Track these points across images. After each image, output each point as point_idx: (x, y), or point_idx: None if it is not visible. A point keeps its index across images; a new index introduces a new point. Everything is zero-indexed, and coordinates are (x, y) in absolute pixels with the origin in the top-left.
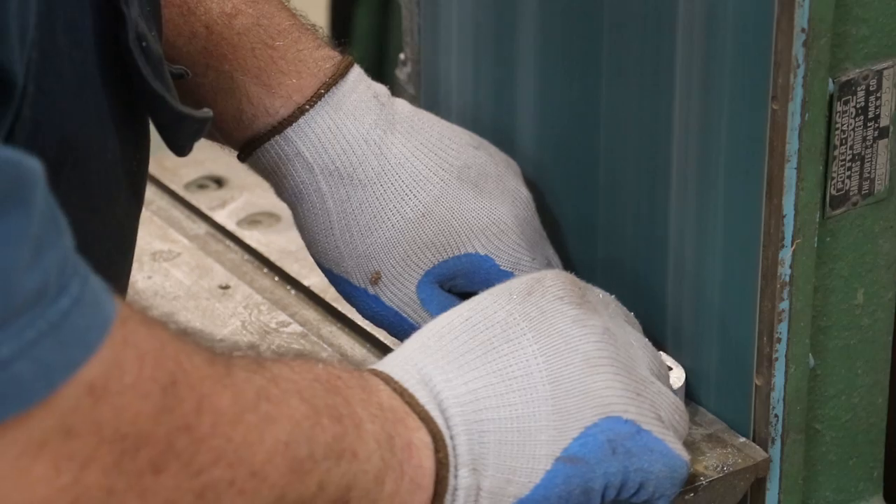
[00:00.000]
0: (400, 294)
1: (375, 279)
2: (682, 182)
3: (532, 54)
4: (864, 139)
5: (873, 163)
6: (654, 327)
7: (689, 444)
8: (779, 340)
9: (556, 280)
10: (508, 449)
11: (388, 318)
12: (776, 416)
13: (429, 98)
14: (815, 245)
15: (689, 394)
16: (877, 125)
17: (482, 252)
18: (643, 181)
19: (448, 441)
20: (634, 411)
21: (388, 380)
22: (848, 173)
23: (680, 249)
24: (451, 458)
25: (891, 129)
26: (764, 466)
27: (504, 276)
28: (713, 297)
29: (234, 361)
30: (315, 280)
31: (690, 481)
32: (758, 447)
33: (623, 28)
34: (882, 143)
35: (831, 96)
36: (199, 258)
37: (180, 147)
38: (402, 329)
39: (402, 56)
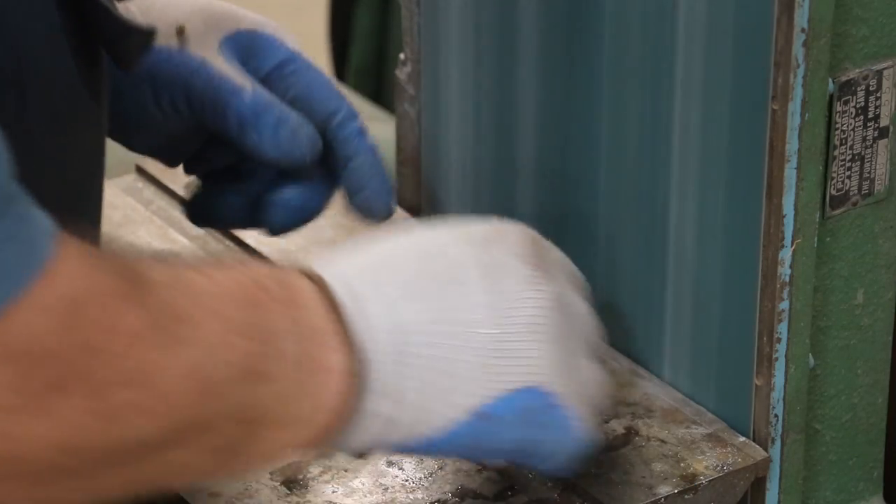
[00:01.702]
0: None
1: (180, 31)
2: (682, 182)
3: (532, 54)
4: (864, 139)
5: (873, 163)
6: (654, 327)
7: (690, 444)
8: (779, 340)
9: (517, 235)
10: (431, 390)
11: (194, 67)
12: (776, 415)
13: (429, 98)
14: (815, 245)
15: (690, 393)
16: (877, 125)
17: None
18: (643, 181)
19: (371, 367)
20: (559, 386)
21: (323, 291)
22: (848, 173)
23: (680, 249)
24: (370, 384)
25: (891, 129)
26: (764, 466)
27: (297, 57)
28: (713, 297)
29: (149, 276)
30: None
31: (690, 481)
32: (758, 447)
33: (623, 28)
34: (882, 143)
35: (831, 96)
36: (199, 258)
37: (128, 62)
38: (212, 85)
39: (402, 56)
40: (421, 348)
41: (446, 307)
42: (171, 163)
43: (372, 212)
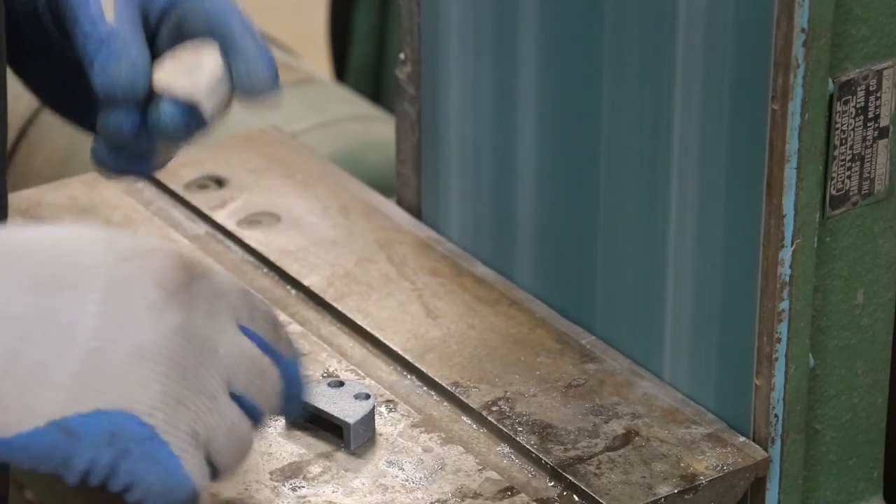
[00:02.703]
0: None
1: None
2: (682, 182)
3: (532, 54)
4: (864, 139)
5: (873, 163)
6: (654, 327)
7: (690, 444)
8: (779, 340)
9: (162, 257)
10: (11, 385)
11: None
12: (776, 415)
13: (429, 98)
14: (815, 245)
15: (690, 393)
16: (877, 125)
17: None
18: (643, 181)
19: None
20: (161, 418)
21: None
22: (848, 173)
23: (680, 249)
24: None
25: (891, 129)
26: (764, 466)
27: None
28: (713, 297)
29: None
30: (315, 280)
31: (690, 481)
32: (758, 447)
33: (624, 28)
34: (882, 143)
35: (831, 96)
36: (199, 258)
37: None
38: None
39: (402, 56)
40: (9, 338)
41: (52, 306)
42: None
43: (254, 84)
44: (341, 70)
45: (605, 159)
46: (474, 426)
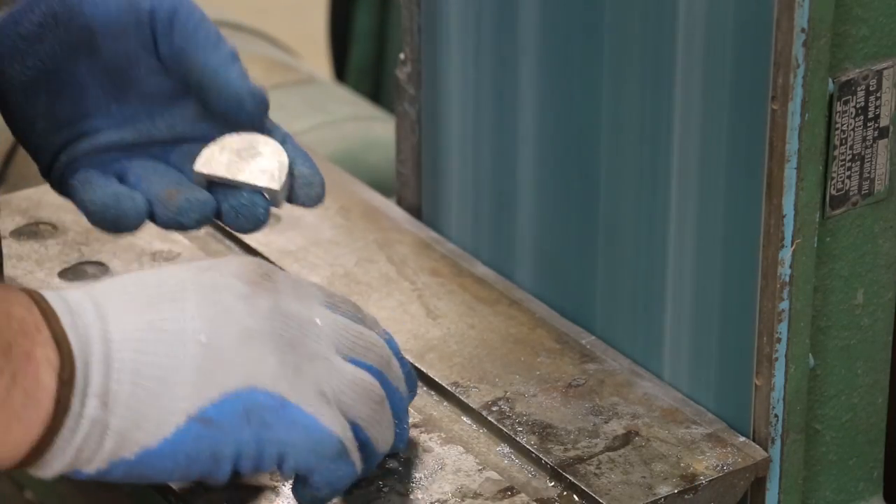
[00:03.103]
0: None
1: None
2: (683, 182)
3: (532, 54)
4: (864, 139)
5: (873, 163)
6: (654, 327)
7: (690, 444)
8: (779, 340)
9: (238, 262)
10: (143, 393)
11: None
12: (776, 415)
13: (429, 98)
14: (815, 245)
15: (690, 393)
16: (877, 125)
17: None
18: (643, 181)
19: (79, 365)
20: (285, 386)
21: (35, 298)
22: (848, 173)
23: (680, 249)
24: (78, 381)
25: (891, 129)
26: (764, 466)
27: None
28: (713, 296)
29: None
30: (315, 280)
31: (690, 481)
32: (758, 447)
33: (623, 28)
34: (882, 143)
35: (831, 96)
36: (199, 258)
37: None
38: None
39: (402, 56)
40: (129, 353)
41: (158, 319)
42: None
43: (310, 198)
44: (341, 70)
45: (605, 159)
46: (474, 426)
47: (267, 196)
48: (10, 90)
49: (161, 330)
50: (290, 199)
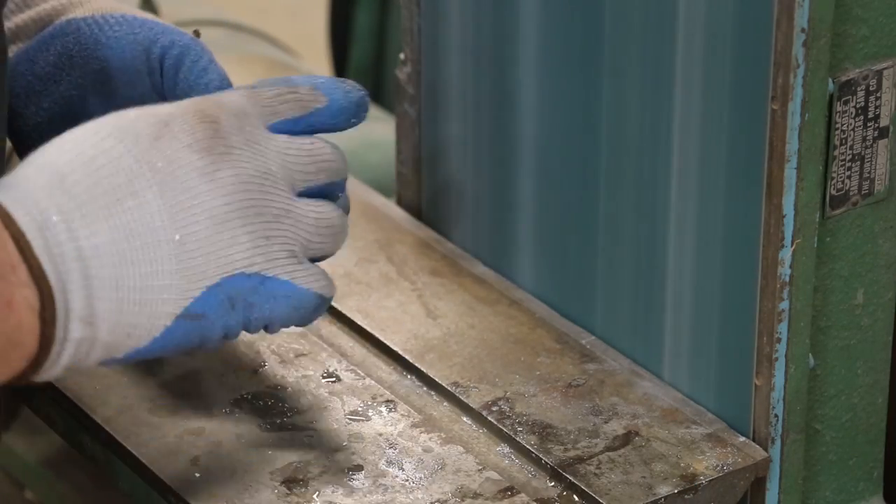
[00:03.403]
0: None
1: (196, 34)
2: (683, 182)
3: (532, 54)
4: (864, 139)
5: (873, 163)
6: (654, 327)
7: (690, 444)
8: (779, 340)
9: (184, 124)
10: (129, 307)
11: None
12: (776, 415)
13: (429, 98)
14: (815, 245)
15: (690, 393)
16: (877, 125)
17: None
18: (644, 181)
19: (59, 296)
20: (260, 261)
21: (4, 218)
22: (848, 173)
23: (680, 249)
24: (60, 314)
25: (891, 129)
26: (764, 466)
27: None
28: (713, 297)
29: None
30: None
31: (690, 481)
32: (758, 447)
33: (624, 28)
34: (882, 143)
35: (831, 96)
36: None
37: None
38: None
39: (402, 56)
40: (106, 269)
41: (127, 222)
42: None
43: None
44: (341, 70)
45: (605, 159)
46: (474, 426)
47: None
48: (25, 130)
49: (133, 234)
50: None
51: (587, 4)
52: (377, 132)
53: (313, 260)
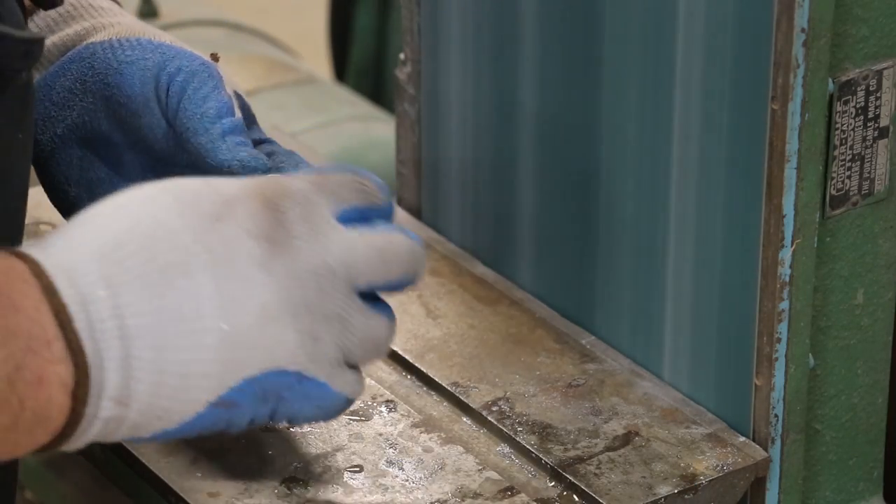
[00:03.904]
0: None
1: (215, 57)
2: (682, 182)
3: (532, 54)
4: (864, 139)
5: (873, 163)
6: (654, 327)
7: (690, 444)
8: (779, 340)
9: (247, 206)
10: (166, 392)
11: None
12: (776, 416)
13: (429, 98)
14: (815, 245)
15: (690, 393)
16: (877, 125)
17: None
18: (643, 181)
19: (95, 374)
20: (302, 361)
21: (46, 290)
22: (848, 173)
23: (680, 249)
24: (93, 392)
25: (891, 129)
26: (764, 466)
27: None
28: (713, 297)
29: None
30: None
31: (690, 481)
32: (758, 447)
33: (624, 28)
34: (882, 143)
35: (831, 96)
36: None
37: (14, 70)
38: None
39: (402, 56)
40: (148, 351)
41: (177, 304)
42: None
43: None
44: (341, 70)
45: (605, 159)
46: (474, 426)
47: None
48: (42, 157)
49: (180, 318)
50: None
51: (587, 4)
52: (377, 132)
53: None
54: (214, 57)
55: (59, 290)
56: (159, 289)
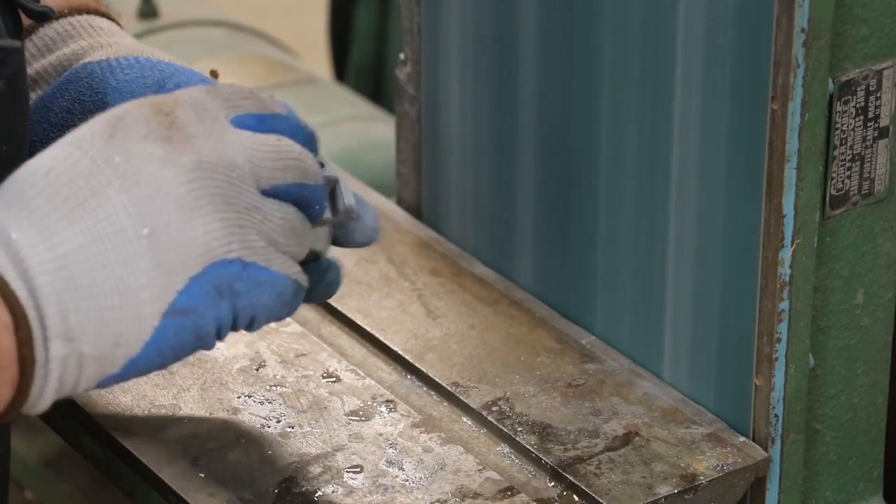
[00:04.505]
0: None
1: (214, 74)
2: (682, 182)
3: (532, 54)
4: (864, 139)
5: (873, 163)
6: (654, 327)
7: (690, 444)
8: (779, 340)
9: (138, 116)
10: (110, 314)
11: None
12: (776, 415)
13: (429, 98)
14: (815, 245)
15: (690, 393)
16: (877, 125)
17: None
18: (644, 181)
19: (33, 314)
20: (238, 247)
21: None
22: (848, 173)
23: (680, 249)
24: (36, 332)
25: (891, 129)
26: (764, 466)
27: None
28: (713, 297)
29: None
30: None
31: (690, 481)
32: (758, 447)
33: (623, 28)
34: (882, 143)
35: (831, 96)
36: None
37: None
38: None
39: (402, 56)
40: (83, 278)
41: (92, 224)
42: None
43: (366, 238)
44: (341, 70)
45: (605, 159)
46: (474, 426)
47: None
48: None
49: (100, 237)
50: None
51: (587, 4)
52: (377, 132)
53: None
54: (214, 74)
55: None
56: (71, 215)
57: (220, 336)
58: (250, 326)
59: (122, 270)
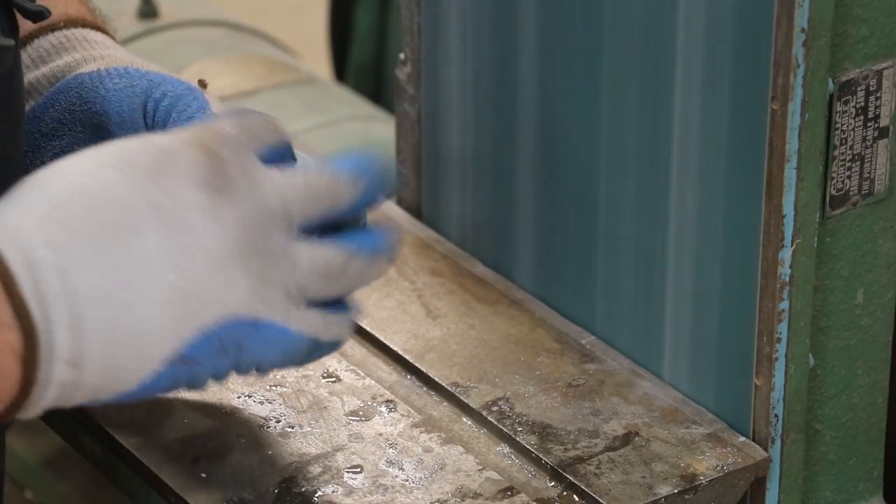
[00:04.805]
0: None
1: (202, 84)
2: (682, 182)
3: (531, 55)
4: (864, 139)
5: (873, 163)
6: (654, 327)
7: (690, 444)
8: (779, 340)
9: (188, 156)
10: (120, 350)
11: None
12: (776, 416)
13: (429, 98)
14: (815, 245)
15: (690, 393)
16: (877, 125)
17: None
18: (643, 181)
19: (44, 338)
20: (256, 304)
21: None
22: (848, 173)
23: (680, 249)
24: (43, 356)
25: (891, 129)
26: (764, 466)
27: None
28: (713, 297)
29: None
30: None
31: (690, 481)
32: (758, 447)
33: (623, 28)
34: (882, 143)
35: (831, 96)
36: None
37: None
38: None
39: (402, 56)
40: (97, 311)
41: (123, 260)
42: None
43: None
44: (341, 70)
45: (605, 159)
46: (474, 426)
47: None
48: None
49: (128, 275)
50: None
51: (587, 4)
52: (377, 132)
53: (322, 301)
54: (202, 83)
55: (2, 254)
56: (105, 246)
57: (215, 382)
58: (258, 371)
59: (142, 313)
